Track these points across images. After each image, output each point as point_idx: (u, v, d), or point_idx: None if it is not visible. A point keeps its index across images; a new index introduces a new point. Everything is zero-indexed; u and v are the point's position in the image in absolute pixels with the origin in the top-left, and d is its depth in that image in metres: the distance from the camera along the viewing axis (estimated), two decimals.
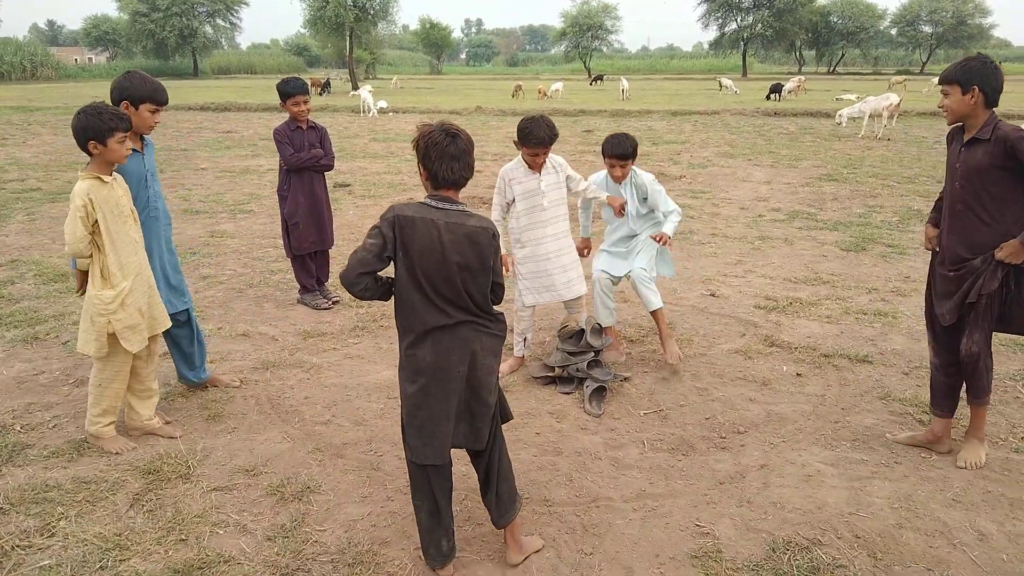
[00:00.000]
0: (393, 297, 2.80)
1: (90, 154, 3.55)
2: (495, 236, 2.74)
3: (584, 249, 5.29)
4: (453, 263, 2.65)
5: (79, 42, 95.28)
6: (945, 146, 3.83)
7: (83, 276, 3.74)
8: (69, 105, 28.72)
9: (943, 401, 3.89)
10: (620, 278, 5.12)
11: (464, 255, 2.66)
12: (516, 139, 4.56)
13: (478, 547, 3.14)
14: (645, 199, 5.06)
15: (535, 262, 4.69)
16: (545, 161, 4.63)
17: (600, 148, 5.03)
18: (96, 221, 3.55)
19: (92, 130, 3.50)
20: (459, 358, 2.74)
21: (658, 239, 4.88)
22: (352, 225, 9.08)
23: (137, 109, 3.89)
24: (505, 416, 3.03)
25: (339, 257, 7.36)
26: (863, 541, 3.16)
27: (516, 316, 4.87)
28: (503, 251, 4.15)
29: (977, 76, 3.45)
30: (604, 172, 5.10)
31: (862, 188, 11.68)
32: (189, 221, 9.39)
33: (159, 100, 3.97)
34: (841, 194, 11.21)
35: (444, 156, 2.68)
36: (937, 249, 3.77)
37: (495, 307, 2.86)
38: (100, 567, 2.96)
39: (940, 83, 3.60)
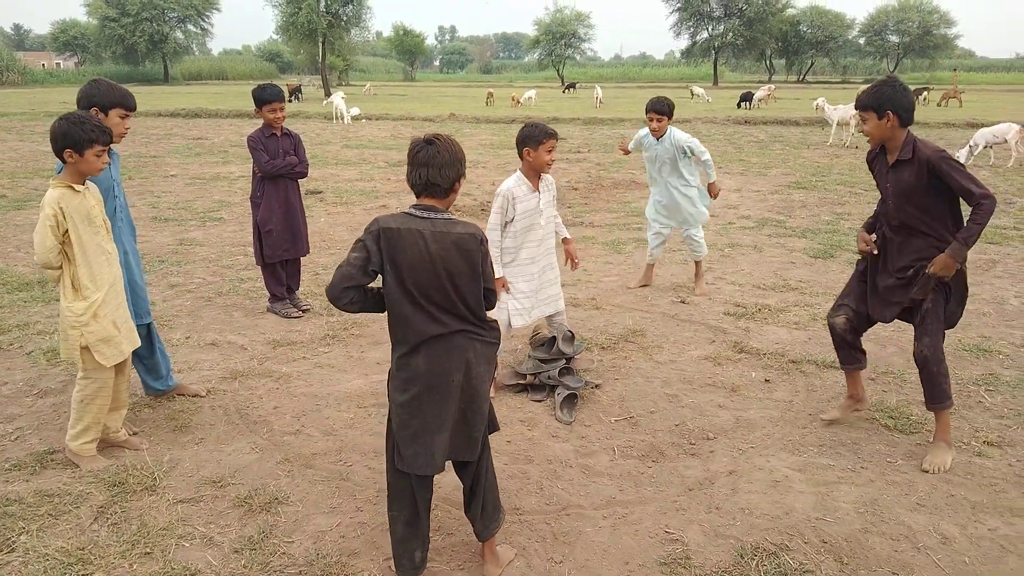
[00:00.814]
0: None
1: (64, 162, 3.49)
2: (483, 241, 2.73)
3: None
4: (443, 272, 2.64)
5: (47, 47, 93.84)
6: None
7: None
8: (36, 111, 28.32)
9: (846, 353, 4.20)
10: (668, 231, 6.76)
11: (453, 263, 2.65)
12: (526, 147, 4.40)
13: (448, 557, 3.12)
14: (685, 153, 6.27)
15: (527, 281, 4.61)
16: (550, 169, 4.56)
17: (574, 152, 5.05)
18: (67, 231, 3.48)
19: (71, 138, 3.42)
20: (454, 366, 2.73)
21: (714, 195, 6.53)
22: (323, 233, 9.03)
23: (107, 115, 3.85)
24: (492, 426, 3.00)
25: (310, 265, 7.32)
26: (830, 546, 3.19)
27: None
28: (498, 274, 4.17)
29: (889, 101, 3.64)
30: (645, 129, 6.41)
31: (830, 196, 11.84)
32: (158, 229, 9.29)
33: (128, 106, 3.93)
34: (809, 201, 11.35)
35: (414, 162, 2.70)
36: (875, 252, 3.95)
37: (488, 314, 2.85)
38: None
39: (857, 109, 3.80)
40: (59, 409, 4.38)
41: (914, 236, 3.76)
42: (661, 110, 6.15)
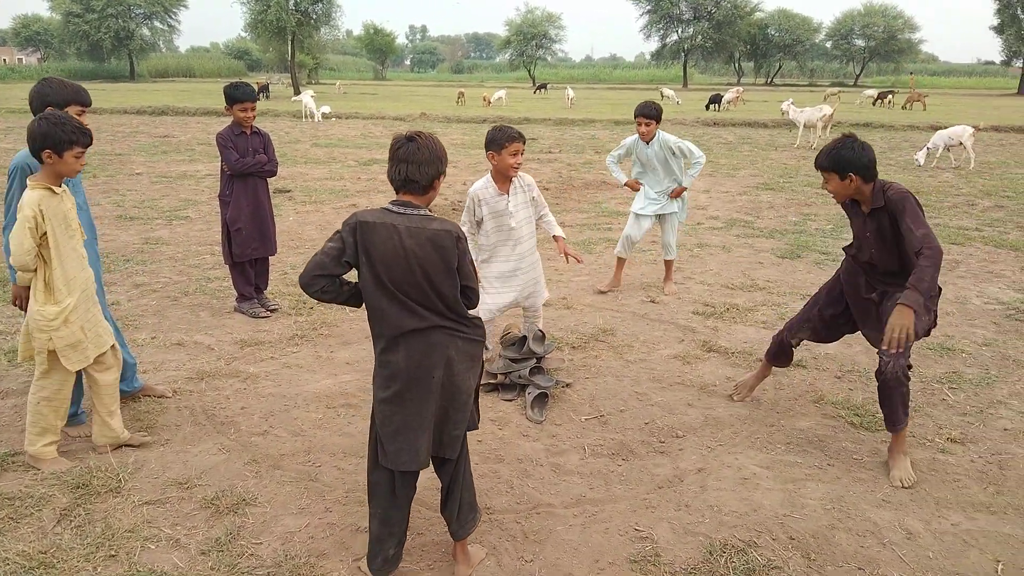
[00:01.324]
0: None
1: (41, 162, 3.43)
2: (460, 239, 2.72)
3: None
4: (417, 267, 2.64)
5: (7, 42, 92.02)
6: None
7: (22, 291, 3.61)
8: None
9: (779, 360, 4.48)
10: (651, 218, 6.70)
11: (428, 259, 2.65)
12: (490, 151, 4.42)
13: (417, 557, 3.11)
14: (675, 154, 6.42)
15: (502, 280, 4.66)
16: (517, 172, 4.53)
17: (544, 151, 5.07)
18: (44, 233, 3.41)
19: (51, 139, 3.35)
20: (434, 362, 2.72)
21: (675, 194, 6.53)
22: (292, 232, 8.95)
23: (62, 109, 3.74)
24: (471, 424, 2.99)
25: (279, 265, 7.25)
26: (797, 542, 3.23)
27: None
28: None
29: (848, 164, 3.62)
30: (635, 136, 6.48)
31: (797, 197, 11.98)
32: (123, 227, 9.14)
33: (83, 101, 3.88)
34: (777, 203, 11.48)
35: (395, 158, 2.71)
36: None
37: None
38: None
39: (819, 170, 3.76)
40: (20, 411, 4.28)
41: (895, 274, 3.78)
42: (649, 114, 6.26)
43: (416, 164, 2.68)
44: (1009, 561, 3.12)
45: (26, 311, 3.61)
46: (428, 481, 3.28)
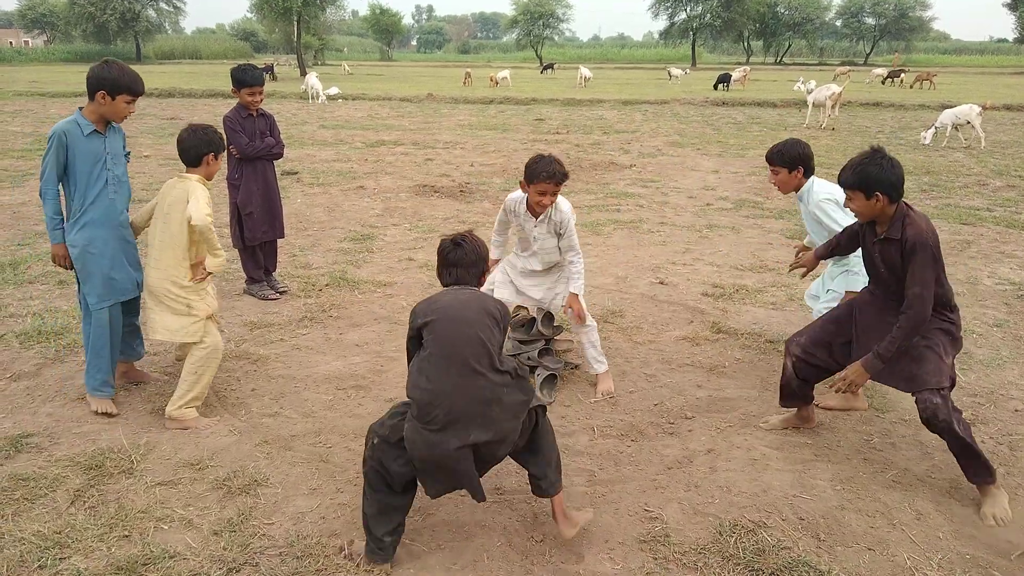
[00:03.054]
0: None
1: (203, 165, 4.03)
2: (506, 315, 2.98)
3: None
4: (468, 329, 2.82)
5: (14, 24, 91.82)
6: None
7: (62, 248, 3.98)
8: (4, 90, 27.73)
9: (796, 401, 3.97)
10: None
11: (479, 322, 2.83)
12: (522, 179, 4.17)
13: (428, 537, 3.13)
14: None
15: (514, 270, 4.62)
16: (551, 204, 4.23)
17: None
18: (190, 216, 3.86)
19: (215, 145, 4.04)
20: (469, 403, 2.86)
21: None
22: (300, 214, 8.94)
23: (114, 99, 3.88)
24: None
25: (287, 247, 7.26)
26: (807, 523, 3.23)
27: None
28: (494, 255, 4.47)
29: (876, 182, 3.30)
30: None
31: None
32: (132, 209, 9.11)
33: (136, 91, 3.98)
34: None
35: (444, 263, 3.01)
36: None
37: None
38: (39, 566, 2.88)
39: (842, 187, 3.46)
40: (32, 392, 4.32)
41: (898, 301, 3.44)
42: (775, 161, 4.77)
43: (465, 267, 2.99)
44: (1021, 542, 3.12)
45: (69, 268, 4.01)
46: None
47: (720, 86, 33.28)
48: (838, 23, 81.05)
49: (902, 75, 38.03)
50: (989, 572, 2.96)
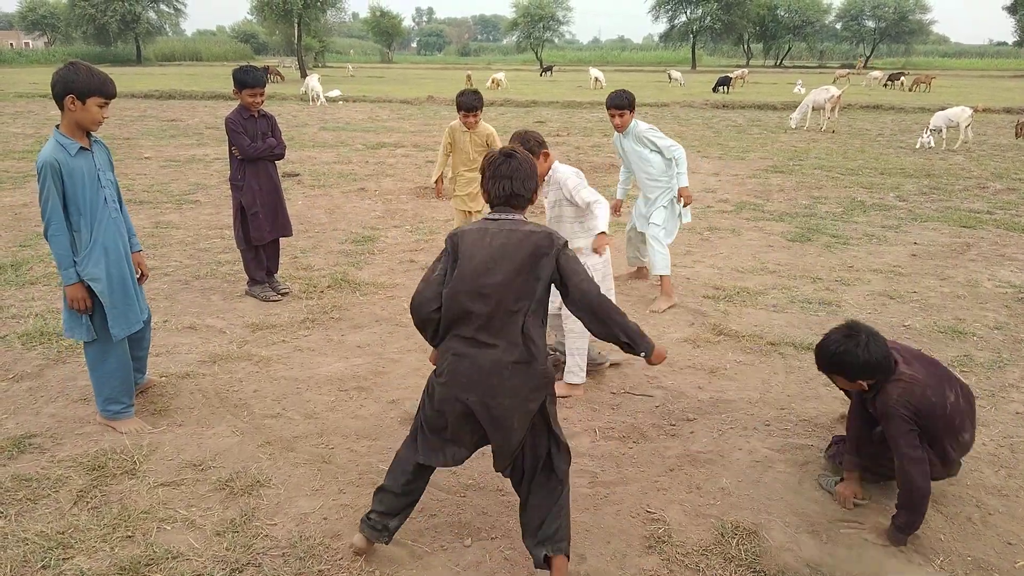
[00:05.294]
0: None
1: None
2: (560, 245, 2.70)
3: (616, 209, 6.17)
4: (498, 270, 2.65)
5: (14, 25, 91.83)
6: None
7: (80, 289, 3.66)
8: (5, 91, 27.75)
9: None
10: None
11: (513, 258, 2.66)
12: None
13: (431, 538, 3.14)
14: (645, 145, 5.86)
15: None
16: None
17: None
18: None
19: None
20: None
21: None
22: (301, 215, 8.95)
23: (84, 103, 3.54)
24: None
25: (289, 249, 7.26)
26: (808, 525, 3.24)
27: None
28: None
29: (856, 370, 3.14)
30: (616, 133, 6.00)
31: (807, 180, 11.92)
32: (133, 212, 9.15)
33: (108, 93, 3.62)
34: (787, 185, 11.43)
35: (496, 175, 2.79)
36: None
37: None
38: (42, 566, 2.89)
39: (822, 371, 3.33)
40: (35, 393, 4.33)
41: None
42: (620, 104, 5.65)
43: (520, 180, 2.78)
44: (1022, 543, 3.12)
45: (90, 310, 3.69)
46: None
47: (720, 89, 33.29)
48: (838, 26, 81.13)
49: (902, 78, 38.06)
50: (990, 574, 2.97)
